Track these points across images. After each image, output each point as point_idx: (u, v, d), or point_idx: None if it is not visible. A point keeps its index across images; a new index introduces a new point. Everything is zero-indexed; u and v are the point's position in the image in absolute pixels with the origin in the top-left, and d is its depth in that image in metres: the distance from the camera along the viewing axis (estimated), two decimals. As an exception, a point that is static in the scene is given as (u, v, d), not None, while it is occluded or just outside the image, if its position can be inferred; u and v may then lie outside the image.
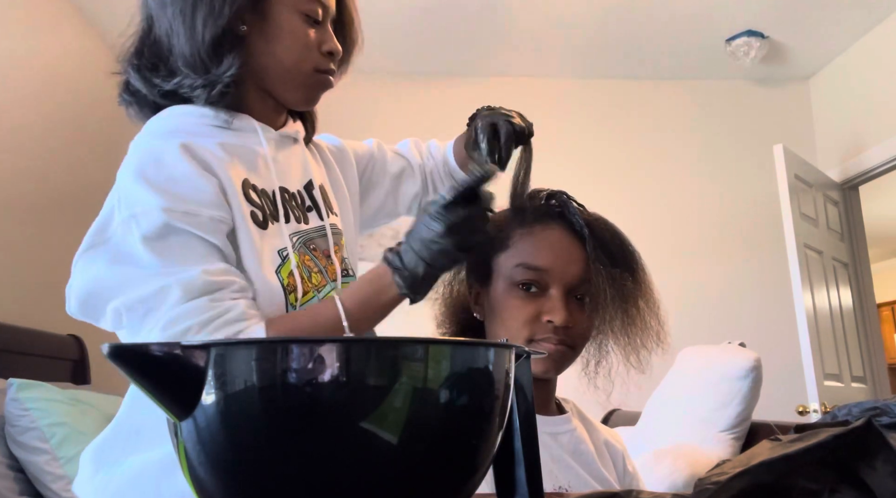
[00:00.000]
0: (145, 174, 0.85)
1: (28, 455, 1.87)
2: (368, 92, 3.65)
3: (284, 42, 0.93)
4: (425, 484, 0.39)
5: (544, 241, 0.95)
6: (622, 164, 3.74)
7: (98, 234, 0.85)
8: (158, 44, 0.92)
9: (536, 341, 0.93)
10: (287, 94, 0.97)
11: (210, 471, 0.38)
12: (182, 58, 0.90)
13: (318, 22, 0.95)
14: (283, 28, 0.92)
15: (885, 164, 3.37)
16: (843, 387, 3.15)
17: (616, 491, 0.40)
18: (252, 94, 0.96)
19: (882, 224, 6.40)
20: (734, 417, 2.17)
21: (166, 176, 0.85)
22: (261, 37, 0.92)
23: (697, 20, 3.31)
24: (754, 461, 0.35)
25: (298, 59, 0.93)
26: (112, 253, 0.83)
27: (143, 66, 0.93)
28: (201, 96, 0.90)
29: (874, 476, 0.36)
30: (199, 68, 0.89)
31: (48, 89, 2.87)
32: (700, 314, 3.47)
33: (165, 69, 0.92)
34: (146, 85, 0.93)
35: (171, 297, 0.81)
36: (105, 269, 0.83)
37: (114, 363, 0.36)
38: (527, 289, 0.94)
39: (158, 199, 0.82)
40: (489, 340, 0.67)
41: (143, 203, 0.83)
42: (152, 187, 0.83)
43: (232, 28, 0.90)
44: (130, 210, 0.83)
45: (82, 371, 2.66)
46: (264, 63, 0.93)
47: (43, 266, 2.75)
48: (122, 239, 0.83)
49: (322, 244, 0.98)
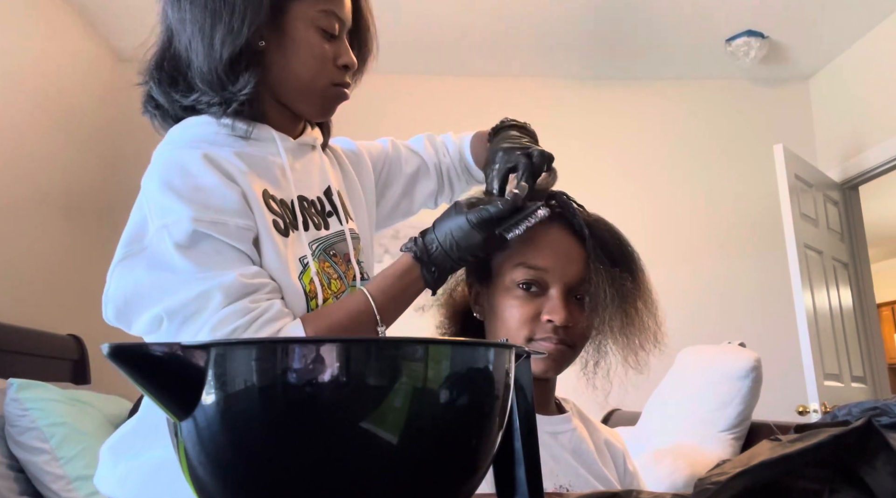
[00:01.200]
0: (171, 184, 0.86)
1: (28, 455, 1.87)
2: (365, 91, 3.64)
3: (301, 57, 0.94)
4: (425, 484, 0.39)
5: (544, 241, 0.95)
6: (622, 164, 3.74)
7: (134, 243, 0.87)
8: (178, 58, 0.94)
9: (536, 341, 0.93)
10: (303, 106, 0.98)
11: (210, 471, 0.38)
12: (199, 74, 0.91)
13: (335, 36, 0.96)
14: (299, 43, 0.93)
15: (885, 164, 3.37)
16: (843, 387, 3.16)
17: (616, 491, 0.40)
18: (269, 105, 0.97)
19: (882, 224, 6.40)
20: (734, 417, 2.17)
21: (192, 186, 0.87)
22: (278, 51, 0.93)
23: (697, 20, 3.31)
24: (754, 461, 0.35)
25: (315, 74, 0.95)
26: (149, 260, 0.85)
27: (163, 80, 0.94)
28: (217, 113, 0.92)
29: (874, 476, 0.36)
30: (216, 85, 0.91)
31: (49, 91, 2.87)
32: (700, 314, 3.47)
33: (184, 84, 0.94)
34: (167, 99, 0.95)
35: (213, 301, 0.83)
36: (144, 275, 0.85)
37: (114, 363, 0.36)
38: (527, 288, 0.94)
39: (186, 208, 0.84)
40: (489, 340, 0.67)
41: (172, 213, 0.85)
42: (180, 197, 0.85)
43: (250, 45, 0.91)
44: (162, 220, 0.85)
45: (82, 371, 2.66)
46: (281, 77, 0.94)
47: (43, 266, 2.75)
48: (158, 247, 0.85)
49: (342, 248, 1.00)
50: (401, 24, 3.29)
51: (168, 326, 0.84)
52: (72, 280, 2.89)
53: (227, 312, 0.83)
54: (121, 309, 0.86)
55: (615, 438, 1.07)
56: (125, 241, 0.87)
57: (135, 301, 0.85)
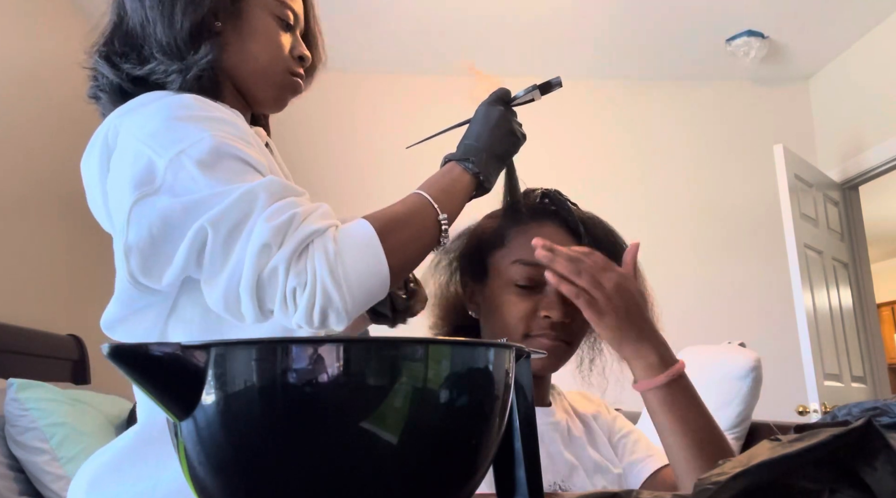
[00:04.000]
0: (178, 116, 0.81)
1: (28, 455, 1.87)
2: (366, 90, 3.65)
3: (259, 41, 0.95)
4: (425, 484, 0.39)
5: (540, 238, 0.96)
6: (621, 164, 3.74)
7: (145, 186, 0.78)
8: (131, 34, 0.92)
9: (533, 337, 0.93)
10: (260, 92, 0.98)
11: (210, 471, 0.38)
12: (158, 45, 0.90)
13: (290, 27, 0.98)
14: (257, 28, 0.95)
15: (885, 164, 3.37)
16: (843, 387, 3.16)
17: (616, 491, 0.40)
18: (228, 91, 0.96)
19: (882, 224, 6.41)
20: (734, 417, 2.17)
21: (202, 115, 0.82)
22: (235, 34, 0.94)
23: (697, 20, 3.31)
24: (754, 461, 0.35)
25: (272, 59, 0.96)
26: (171, 192, 0.77)
27: (111, 53, 0.92)
28: (175, 81, 0.89)
29: (874, 476, 0.36)
30: (175, 55, 0.89)
31: (50, 91, 2.87)
32: (700, 314, 3.47)
33: (137, 57, 0.91)
34: (113, 70, 0.91)
35: (259, 200, 0.76)
36: (170, 203, 0.77)
37: (114, 363, 0.36)
38: (524, 285, 0.94)
39: (203, 131, 0.79)
40: (489, 340, 0.67)
41: (189, 137, 0.79)
42: (193, 123, 0.81)
43: (208, 23, 0.91)
44: (177, 148, 0.78)
45: (82, 371, 2.66)
46: (238, 61, 0.95)
47: (43, 266, 2.75)
48: (177, 176, 0.77)
49: None
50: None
51: (214, 239, 0.76)
52: (72, 280, 2.89)
53: (278, 206, 0.77)
54: (147, 253, 0.78)
55: (596, 406, 1.07)
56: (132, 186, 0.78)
57: (165, 235, 0.77)
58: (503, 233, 0.98)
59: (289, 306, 0.76)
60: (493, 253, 0.98)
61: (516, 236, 0.97)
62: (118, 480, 0.82)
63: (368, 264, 0.78)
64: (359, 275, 0.77)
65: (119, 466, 0.84)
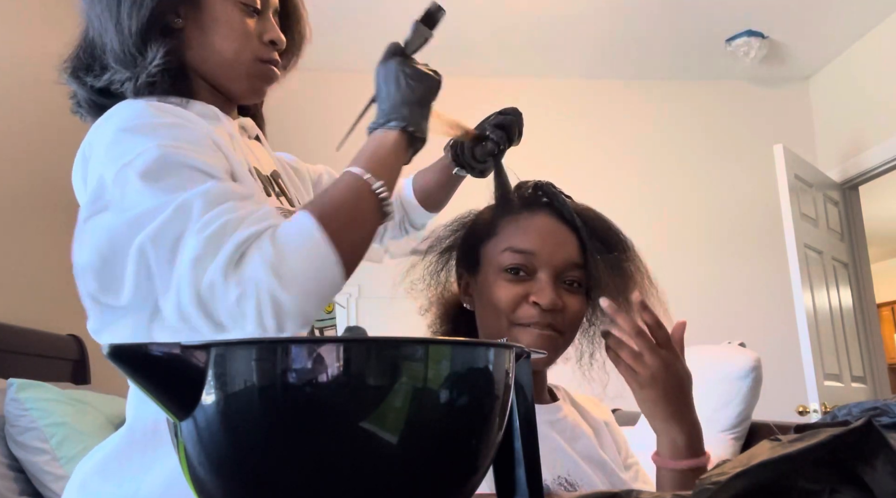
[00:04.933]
0: (127, 127, 0.79)
1: (28, 455, 1.87)
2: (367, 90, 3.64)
3: (221, 32, 0.91)
4: (425, 484, 0.39)
5: (531, 226, 0.95)
6: (621, 164, 3.74)
7: (94, 204, 0.78)
8: (92, 45, 0.91)
9: (523, 326, 0.92)
10: (231, 84, 0.95)
11: (210, 471, 0.38)
12: (112, 54, 0.88)
13: (258, 12, 0.94)
14: (218, 18, 0.91)
15: (885, 164, 3.37)
16: (843, 387, 3.16)
17: (616, 491, 0.40)
18: (199, 86, 0.94)
19: (882, 224, 6.41)
20: (734, 417, 2.17)
21: (153, 123, 0.80)
22: (197, 29, 0.91)
23: (697, 20, 3.31)
24: (754, 461, 0.35)
25: (238, 49, 0.92)
26: (116, 207, 0.76)
27: (77, 68, 0.92)
28: (129, 89, 0.88)
29: (874, 476, 0.36)
30: (129, 62, 0.88)
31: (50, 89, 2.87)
32: (700, 314, 3.46)
33: (99, 68, 0.90)
34: (78, 84, 0.91)
35: (194, 210, 0.74)
36: (113, 220, 0.76)
37: (114, 363, 0.36)
38: (514, 272, 0.93)
39: (149, 140, 0.77)
40: (489, 340, 0.67)
41: (134, 149, 0.77)
42: (140, 133, 0.78)
43: (162, 20, 0.89)
44: (122, 161, 0.76)
45: (82, 371, 2.66)
46: (204, 55, 0.92)
47: (43, 266, 2.75)
48: (122, 193, 0.76)
49: None
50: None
51: (157, 256, 0.74)
52: (72, 280, 2.88)
53: (213, 213, 0.74)
54: (100, 272, 0.77)
55: (608, 417, 1.06)
56: (85, 205, 0.79)
57: (114, 253, 0.76)
58: (495, 223, 0.98)
59: (236, 318, 0.73)
60: (486, 243, 0.97)
61: (507, 225, 0.96)
62: (104, 481, 0.83)
63: (314, 257, 0.75)
64: (305, 270, 0.74)
65: (105, 469, 0.84)
